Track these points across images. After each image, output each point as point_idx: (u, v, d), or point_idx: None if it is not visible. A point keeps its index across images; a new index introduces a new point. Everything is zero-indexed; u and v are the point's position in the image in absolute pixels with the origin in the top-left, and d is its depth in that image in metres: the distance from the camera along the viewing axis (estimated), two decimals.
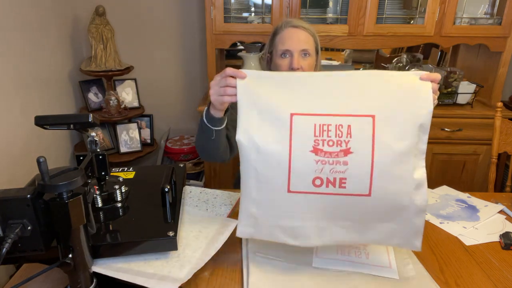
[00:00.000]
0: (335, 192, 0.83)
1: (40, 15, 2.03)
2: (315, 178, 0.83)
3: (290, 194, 0.84)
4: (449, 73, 2.14)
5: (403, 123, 0.84)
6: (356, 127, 0.83)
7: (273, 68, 1.32)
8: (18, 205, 0.66)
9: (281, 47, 1.25)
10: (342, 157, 0.82)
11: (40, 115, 0.87)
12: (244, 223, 0.90)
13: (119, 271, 0.81)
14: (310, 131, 0.83)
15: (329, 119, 0.83)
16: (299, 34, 1.24)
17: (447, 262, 1.00)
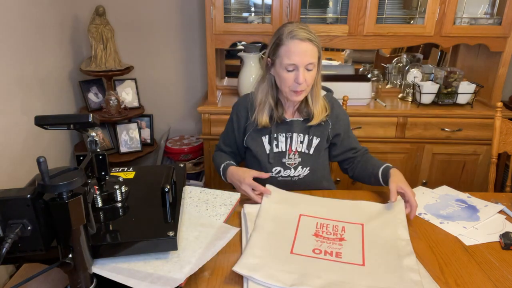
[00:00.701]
0: (332, 259, 0.98)
1: (40, 15, 2.03)
2: (314, 249, 1.01)
3: (292, 254, 0.99)
4: (449, 73, 2.14)
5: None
6: (349, 228, 1.10)
7: (276, 77, 1.30)
8: (18, 205, 0.66)
9: (287, 61, 1.22)
10: (337, 241, 1.04)
11: (40, 115, 0.87)
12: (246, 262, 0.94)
13: (119, 271, 0.81)
14: (313, 225, 1.11)
15: (328, 221, 1.13)
16: (306, 48, 1.21)
17: (447, 262, 1.00)
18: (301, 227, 1.10)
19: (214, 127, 2.15)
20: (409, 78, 2.29)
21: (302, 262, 0.95)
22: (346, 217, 1.15)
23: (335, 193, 1.33)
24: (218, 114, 2.13)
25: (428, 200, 1.31)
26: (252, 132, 1.39)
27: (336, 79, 2.15)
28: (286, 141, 1.38)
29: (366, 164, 1.39)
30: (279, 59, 1.25)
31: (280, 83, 1.29)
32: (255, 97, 1.37)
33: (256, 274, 0.89)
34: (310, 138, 1.38)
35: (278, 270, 0.92)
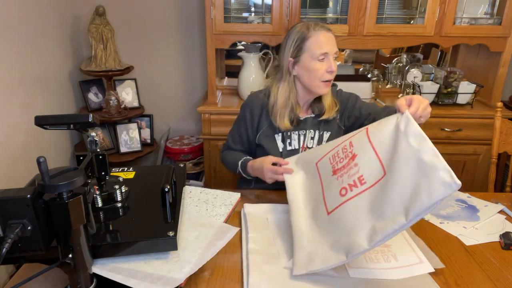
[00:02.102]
0: (360, 190, 0.92)
1: (40, 15, 2.03)
2: (341, 190, 0.96)
3: (330, 215, 0.96)
4: (449, 73, 2.14)
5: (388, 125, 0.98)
6: (354, 139, 1.03)
7: (304, 73, 1.30)
8: (18, 205, 0.66)
9: (319, 50, 1.25)
10: (351, 162, 0.98)
11: (40, 115, 0.87)
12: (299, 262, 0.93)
13: (119, 271, 0.81)
14: (328, 164, 1.07)
15: (336, 148, 1.07)
16: (332, 37, 1.28)
17: (447, 262, 1.00)
18: (322, 175, 1.07)
19: (214, 127, 2.15)
20: (409, 78, 2.29)
21: (340, 219, 0.92)
22: (350, 135, 1.09)
23: None
24: (218, 114, 2.13)
25: None
26: (265, 130, 1.39)
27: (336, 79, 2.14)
28: (299, 138, 1.39)
29: None
30: (308, 52, 1.27)
31: (310, 77, 1.29)
32: (274, 101, 1.35)
33: (314, 266, 0.89)
34: (320, 133, 1.40)
35: (328, 248, 0.91)
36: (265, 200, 1.29)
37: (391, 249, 1.02)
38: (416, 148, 0.87)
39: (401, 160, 0.87)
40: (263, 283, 0.89)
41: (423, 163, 0.84)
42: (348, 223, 0.90)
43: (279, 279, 0.91)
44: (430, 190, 0.80)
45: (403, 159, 0.87)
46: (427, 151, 0.85)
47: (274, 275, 0.92)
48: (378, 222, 0.85)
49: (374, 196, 0.89)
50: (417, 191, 0.82)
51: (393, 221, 0.83)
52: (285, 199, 1.29)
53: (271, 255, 0.99)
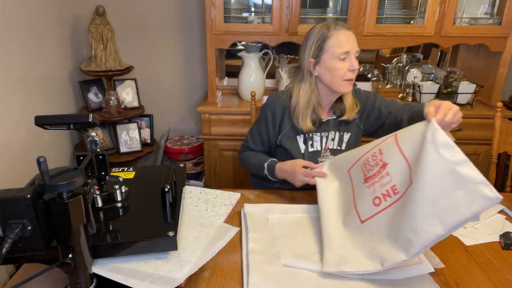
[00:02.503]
0: (394, 200, 0.94)
1: (40, 15, 2.03)
2: (374, 199, 0.98)
3: (364, 223, 0.97)
4: (449, 73, 2.14)
5: None
6: (384, 146, 1.04)
7: (325, 73, 1.29)
8: (18, 205, 0.66)
9: (340, 49, 1.25)
10: (382, 171, 0.99)
11: (40, 115, 0.87)
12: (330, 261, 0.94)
13: (119, 271, 0.81)
14: (359, 172, 1.07)
15: (366, 155, 1.08)
16: (353, 36, 1.28)
17: (447, 262, 1.00)
18: (354, 182, 1.08)
19: (214, 127, 2.15)
20: (409, 78, 2.29)
21: (376, 229, 0.94)
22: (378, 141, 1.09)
23: None
24: (218, 114, 2.13)
25: None
26: (287, 131, 1.39)
27: None
28: (321, 140, 1.39)
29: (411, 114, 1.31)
30: (329, 52, 1.27)
31: (332, 77, 1.29)
32: (296, 102, 1.35)
33: (346, 268, 0.90)
34: (341, 134, 1.40)
35: (363, 255, 0.92)
36: (265, 200, 1.29)
37: None
38: (449, 159, 0.86)
39: (432, 171, 0.87)
40: (263, 283, 0.89)
41: (459, 175, 0.84)
42: (383, 233, 0.92)
43: (279, 279, 0.91)
44: (470, 203, 0.82)
45: (434, 170, 0.86)
46: (461, 163, 0.85)
47: (274, 275, 0.92)
48: (413, 234, 0.86)
49: (404, 206, 0.90)
50: (455, 203, 0.83)
51: (430, 232, 0.84)
52: (285, 199, 1.29)
53: (271, 255, 0.99)
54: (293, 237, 1.07)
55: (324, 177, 1.20)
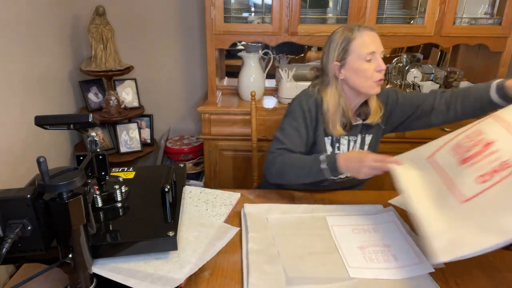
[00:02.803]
0: (507, 173, 0.86)
1: (40, 15, 2.03)
2: (477, 177, 0.91)
3: (468, 202, 0.90)
4: (449, 73, 2.14)
5: None
6: (483, 127, 1.01)
7: (352, 75, 1.27)
8: (18, 205, 0.66)
9: (365, 50, 1.23)
10: (486, 150, 0.94)
11: (40, 115, 0.87)
12: (443, 249, 0.85)
13: (119, 271, 0.81)
14: (449, 154, 1.03)
15: (454, 140, 1.06)
16: (377, 37, 1.26)
17: (447, 262, 1.00)
18: (444, 166, 1.02)
19: (214, 127, 2.15)
20: (409, 78, 2.29)
21: (485, 204, 0.87)
22: (471, 126, 1.06)
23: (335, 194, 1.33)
24: (218, 114, 2.13)
25: None
26: (320, 133, 1.36)
27: None
28: (348, 144, 1.37)
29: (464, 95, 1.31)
30: (354, 54, 1.25)
31: (360, 78, 1.26)
32: (327, 108, 1.31)
33: (465, 251, 0.81)
34: (363, 136, 1.38)
35: (478, 231, 0.83)
36: (265, 200, 1.29)
37: (391, 249, 1.02)
38: None
39: None
40: (263, 283, 0.89)
41: None
42: (500, 206, 0.84)
43: (279, 279, 0.91)
44: None
45: None
46: None
47: (274, 275, 0.92)
48: None
49: None
50: None
51: None
52: (285, 199, 1.29)
53: (271, 255, 0.99)
54: (293, 237, 1.07)
55: (401, 164, 1.09)
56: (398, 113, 1.40)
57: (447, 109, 1.34)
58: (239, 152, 2.18)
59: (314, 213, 1.19)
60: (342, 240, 1.06)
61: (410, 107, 1.38)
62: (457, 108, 1.33)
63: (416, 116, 1.38)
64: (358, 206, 1.24)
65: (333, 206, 1.24)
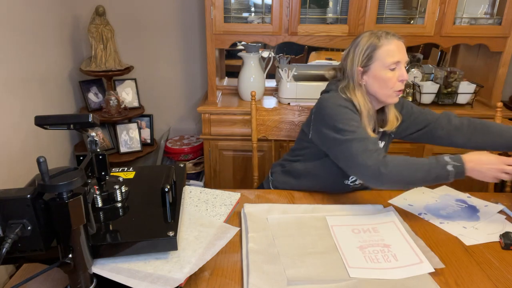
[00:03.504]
0: None
1: (40, 15, 2.03)
2: None
3: None
4: (449, 73, 2.14)
5: None
6: None
7: (374, 83, 1.25)
8: (18, 205, 0.66)
9: (391, 59, 1.21)
10: None
11: (40, 115, 0.87)
12: None
13: (119, 271, 0.81)
14: None
15: None
16: (403, 46, 1.26)
17: (447, 262, 1.00)
18: None
19: (214, 127, 2.15)
20: (409, 78, 2.29)
21: None
22: None
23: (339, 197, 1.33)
24: (218, 114, 2.13)
25: (428, 200, 1.31)
26: None
27: None
28: None
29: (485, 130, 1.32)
30: (379, 61, 1.23)
31: (381, 86, 1.25)
32: (359, 108, 1.27)
33: None
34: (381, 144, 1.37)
35: None
36: (265, 200, 1.29)
37: (391, 249, 1.02)
38: None
39: None
40: (263, 283, 0.89)
41: None
42: None
43: (279, 279, 0.91)
44: None
45: None
46: None
47: (274, 275, 0.92)
48: None
49: None
50: None
51: None
52: (285, 199, 1.29)
53: (271, 255, 0.99)
54: (293, 237, 1.07)
55: None
56: (409, 124, 1.40)
57: (462, 136, 1.35)
58: (239, 152, 2.18)
59: (314, 213, 1.19)
60: (342, 240, 1.06)
61: (423, 122, 1.38)
62: (472, 139, 1.34)
63: (427, 130, 1.38)
64: (358, 206, 1.24)
65: (333, 206, 1.24)
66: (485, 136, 1.33)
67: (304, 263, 0.96)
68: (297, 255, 1.00)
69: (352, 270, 0.94)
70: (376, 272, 0.94)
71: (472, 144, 1.34)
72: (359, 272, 0.94)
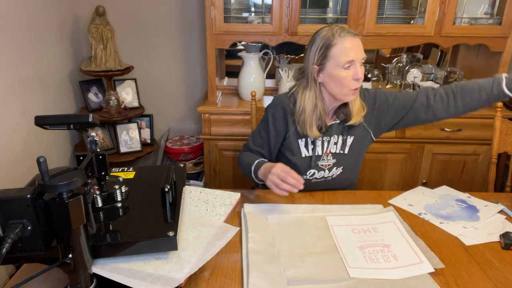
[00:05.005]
0: None
1: (40, 15, 2.03)
2: None
3: None
4: (449, 73, 2.14)
5: None
6: None
7: (329, 81, 1.25)
8: (18, 205, 0.66)
9: (344, 58, 1.20)
10: None
11: (40, 115, 0.87)
12: None
13: (119, 271, 0.81)
14: None
15: None
16: (358, 43, 1.22)
17: (447, 262, 1.00)
18: None
19: (214, 127, 2.15)
20: (409, 78, 2.29)
21: None
22: None
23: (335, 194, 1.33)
24: (218, 114, 2.13)
25: (428, 200, 1.31)
26: (290, 135, 1.35)
27: None
28: (322, 144, 1.36)
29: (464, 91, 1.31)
30: (333, 60, 1.22)
31: (336, 85, 1.25)
32: (302, 109, 1.30)
33: None
34: (344, 138, 1.36)
35: None
36: (265, 200, 1.29)
37: (391, 249, 1.02)
38: None
39: None
40: (263, 283, 0.89)
41: None
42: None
43: (279, 279, 0.91)
44: None
45: None
46: None
47: (274, 275, 0.92)
48: None
49: None
50: None
51: None
52: (285, 198, 1.29)
53: (271, 255, 0.99)
54: (293, 237, 1.07)
55: (298, 188, 1.14)
56: (391, 114, 1.37)
57: (446, 106, 1.33)
58: (239, 152, 2.18)
59: (314, 213, 1.19)
60: (342, 240, 1.06)
61: (403, 107, 1.35)
62: (457, 105, 1.32)
63: (410, 115, 1.36)
64: (358, 206, 1.24)
65: (333, 206, 1.24)
66: (468, 96, 1.30)
67: (304, 263, 0.97)
68: (297, 255, 1.00)
69: (352, 270, 0.94)
70: (376, 272, 0.94)
71: (460, 110, 1.33)
72: (359, 272, 0.94)
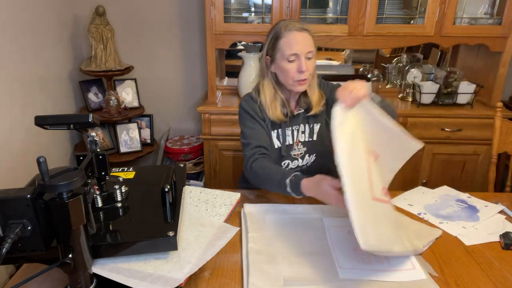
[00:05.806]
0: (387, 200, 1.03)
1: (40, 15, 2.03)
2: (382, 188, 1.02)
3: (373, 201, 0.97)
4: (449, 73, 2.14)
5: None
6: None
7: (278, 72, 1.32)
8: (18, 205, 0.66)
9: (289, 51, 1.25)
10: None
11: (40, 115, 0.87)
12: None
13: (119, 271, 0.81)
14: None
15: None
16: (304, 37, 1.26)
17: (447, 262, 1.00)
18: None
19: (214, 127, 2.15)
20: (409, 78, 2.29)
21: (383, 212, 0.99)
22: None
23: None
24: (218, 114, 2.13)
25: (428, 200, 1.31)
26: (267, 124, 1.38)
27: (336, 79, 2.14)
28: (292, 134, 1.39)
29: None
30: (280, 52, 1.27)
31: (284, 76, 1.30)
32: (262, 97, 1.35)
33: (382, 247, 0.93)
34: (311, 126, 1.40)
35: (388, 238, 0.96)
36: (265, 200, 1.29)
37: None
38: None
39: None
40: (263, 283, 0.89)
41: None
42: None
43: (279, 279, 0.91)
44: None
45: None
46: None
47: (274, 275, 0.92)
48: None
49: None
50: None
51: None
52: (285, 198, 1.29)
53: (271, 255, 0.99)
54: (289, 238, 1.07)
55: None
56: None
57: None
58: (239, 152, 2.18)
59: (312, 214, 1.19)
60: (337, 242, 1.06)
61: None
62: None
63: None
64: None
65: (331, 207, 1.23)
66: None
67: (300, 264, 0.97)
68: (293, 255, 1.00)
69: (342, 271, 0.94)
70: (366, 272, 0.94)
71: None
72: (349, 273, 0.94)
